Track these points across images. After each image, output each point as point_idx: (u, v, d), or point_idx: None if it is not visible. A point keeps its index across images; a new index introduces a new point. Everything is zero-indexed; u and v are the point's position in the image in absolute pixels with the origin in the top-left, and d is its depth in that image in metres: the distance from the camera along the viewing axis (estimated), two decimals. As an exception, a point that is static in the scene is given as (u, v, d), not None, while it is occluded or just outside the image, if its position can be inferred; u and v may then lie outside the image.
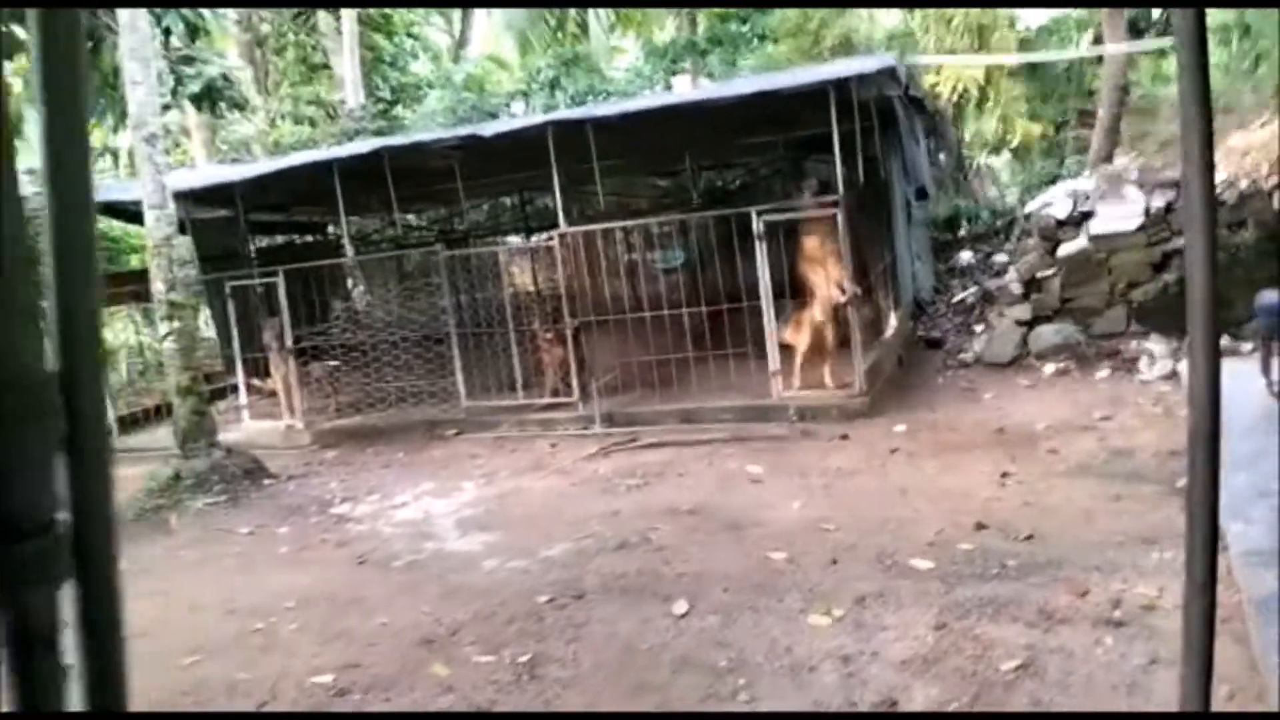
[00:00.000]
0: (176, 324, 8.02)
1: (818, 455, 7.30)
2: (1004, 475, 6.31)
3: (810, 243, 8.17)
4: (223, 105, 15.66)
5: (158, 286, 8.02)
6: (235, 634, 5.21)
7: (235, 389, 10.68)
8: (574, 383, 9.00)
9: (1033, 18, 15.05)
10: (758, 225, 8.11)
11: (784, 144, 11.64)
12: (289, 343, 9.86)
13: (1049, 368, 8.85)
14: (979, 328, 10.29)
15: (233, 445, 9.70)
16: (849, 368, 8.26)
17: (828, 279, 8.10)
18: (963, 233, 13.53)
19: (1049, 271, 9.19)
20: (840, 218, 7.87)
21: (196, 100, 10.95)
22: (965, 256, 12.59)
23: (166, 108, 18.15)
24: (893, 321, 9.89)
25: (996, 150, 13.55)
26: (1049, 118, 13.49)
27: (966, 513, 5.69)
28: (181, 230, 13.81)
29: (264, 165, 10.25)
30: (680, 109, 8.62)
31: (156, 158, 8.06)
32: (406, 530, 6.72)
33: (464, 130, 9.05)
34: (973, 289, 11.31)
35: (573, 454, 8.14)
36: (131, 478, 8.51)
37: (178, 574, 6.36)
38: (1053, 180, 12.65)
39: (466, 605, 5.21)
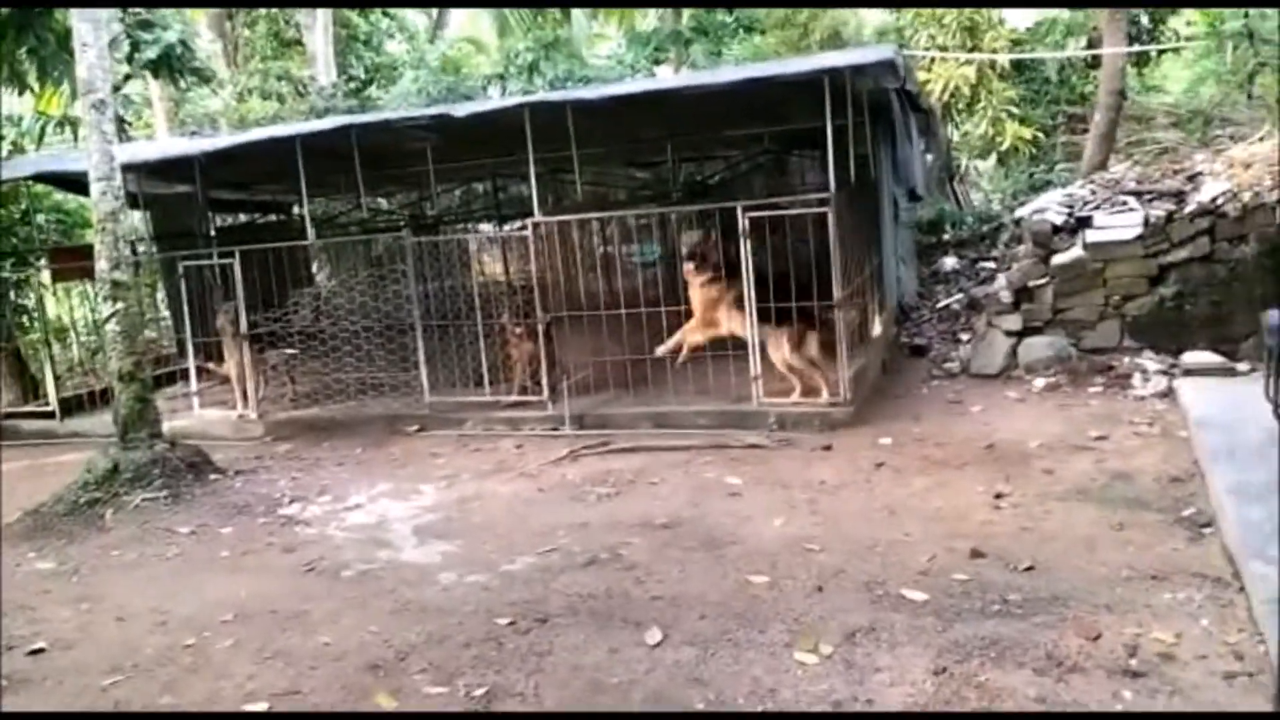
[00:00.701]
0: (120, 305, 7.49)
1: (800, 466, 6.91)
2: (998, 496, 5.94)
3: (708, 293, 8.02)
4: (183, 75, 15.06)
5: (101, 265, 7.48)
6: (164, 650, 4.74)
7: (186, 374, 10.13)
8: (543, 381, 8.56)
9: (1022, 19, 14.72)
10: (743, 221, 7.70)
11: (770, 138, 11.25)
12: (243, 328, 9.33)
13: (1039, 381, 8.51)
14: (965, 336, 9.95)
15: (179, 435, 9.19)
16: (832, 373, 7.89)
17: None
18: (947, 237, 13.22)
19: (1041, 280, 8.85)
20: (831, 217, 7.48)
21: (153, 67, 10.38)
22: (949, 262, 12.27)
23: (128, 77, 17.51)
24: (877, 326, 9.52)
25: (984, 154, 13.24)
26: (1038, 122, 13.18)
27: (960, 537, 5.32)
28: (137, 206, 13.33)
29: (223, 139, 9.70)
30: (666, 94, 8.18)
31: (105, 126, 7.51)
32: (359, 536, 6.26)
33: (436, 109, 8.54)
34: (958, 295, 11.00)
35: (540, 456, 7.71)
36: (69, 466, 8.01)
37: (108, 577, 5.87)
38: (1041, 186, 12.37)
39: (419, 625, 4.78)
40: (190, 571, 5.87)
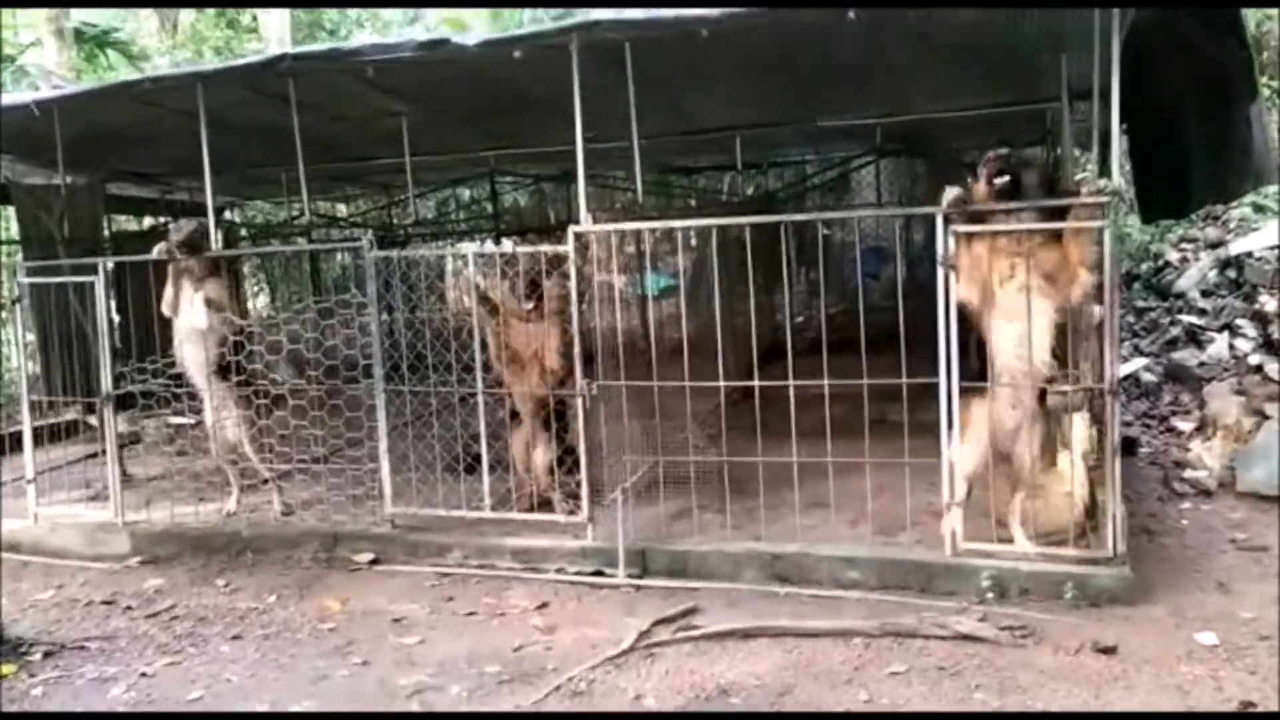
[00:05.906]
0: None
1: (1085, 698, 3.68)
2: None
3: None
4: (103, 50, 12.12)
5: None
6: None
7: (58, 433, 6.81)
8: (581, 489, 5.27)
9: None
10: (946, 239, 4.53)
11: (883, 133, 8.14)
12: (106, 385, 5.98)
13: (1367, 511, 5.40)
14: (1183, 425, 6.83)
15: (6, 547, 5.87)
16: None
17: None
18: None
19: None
20: (1108, 237, 4.37)
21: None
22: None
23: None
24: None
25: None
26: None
27: None
28: (6, 200, 9.98)
29: (84, 85, 6.37)
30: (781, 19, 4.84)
31: None
32: None
33: (428, 38, 5.26)
34: (1142, 361, 7.90)
35: (582, 634, 4.44)
36: None
37: None
38: (1217, 214, 9.37)
39: None
40: None
